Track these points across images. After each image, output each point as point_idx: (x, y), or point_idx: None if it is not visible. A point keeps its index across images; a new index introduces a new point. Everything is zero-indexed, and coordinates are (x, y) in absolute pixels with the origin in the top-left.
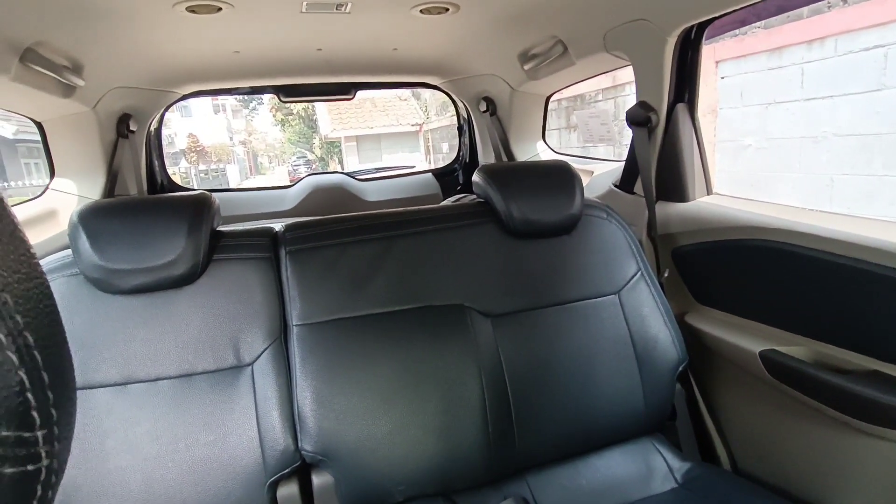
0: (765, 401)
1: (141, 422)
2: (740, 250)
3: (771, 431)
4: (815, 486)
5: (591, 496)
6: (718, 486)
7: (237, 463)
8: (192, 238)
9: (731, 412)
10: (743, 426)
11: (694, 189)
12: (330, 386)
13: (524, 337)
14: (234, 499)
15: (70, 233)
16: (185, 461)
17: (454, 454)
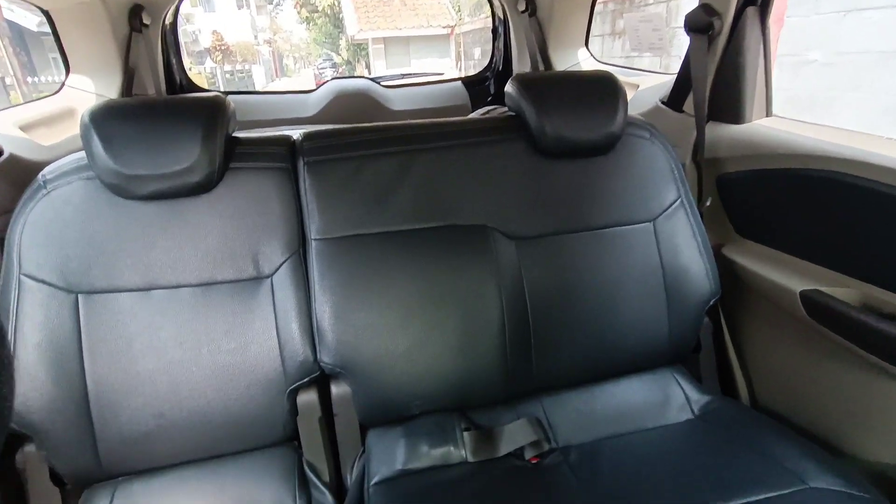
0: (796, 340)
1: (165, 327)
2: (794, 180)
3: (798, 371)
4: (839, 429)
5: (605, 421)
6: (736, 420)
7: (258, 370)
8: (207, 144)
9: (758, 349)
10: (769, 363)
11: (752, 109)
12: (349, 301)
13: (548, 262)
14: (255, 403)
15: (82, 133)
16: (209, 366)
17: (471, 373)
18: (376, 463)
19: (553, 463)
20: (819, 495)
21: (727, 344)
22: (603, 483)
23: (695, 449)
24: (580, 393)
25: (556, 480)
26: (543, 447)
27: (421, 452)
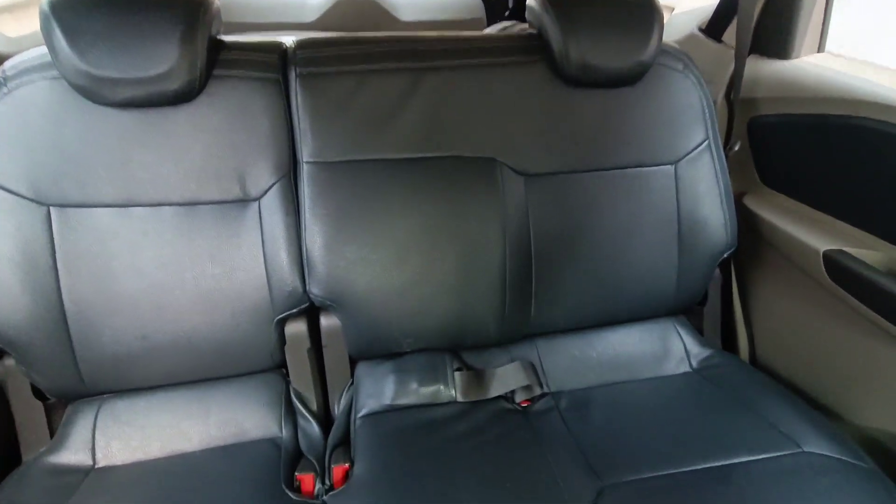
0: (809, 301)
1: (147, 248)
2: (839, 129)
3: (806, 332)
4: (841, 395)
5: (600, 369)
6: (734, 377)
7: (245, 298)
8: (186, 47)
9: (766, 306)
10: (776, 322)
11: (802, 43)
12: (341, 232)
13: (558, 202)
14: (241, 331)
15: (42, 25)
16: (194, 291)
17: (467, 314)
18: (364, 396)
19: (543, 408)
20: (812, 460)
21: (735, 299)
22: (592, 431)
23: (689, 404)
24: (577, 338)
25: (545, 425)
26: (535, 392)
27: (410, 389)
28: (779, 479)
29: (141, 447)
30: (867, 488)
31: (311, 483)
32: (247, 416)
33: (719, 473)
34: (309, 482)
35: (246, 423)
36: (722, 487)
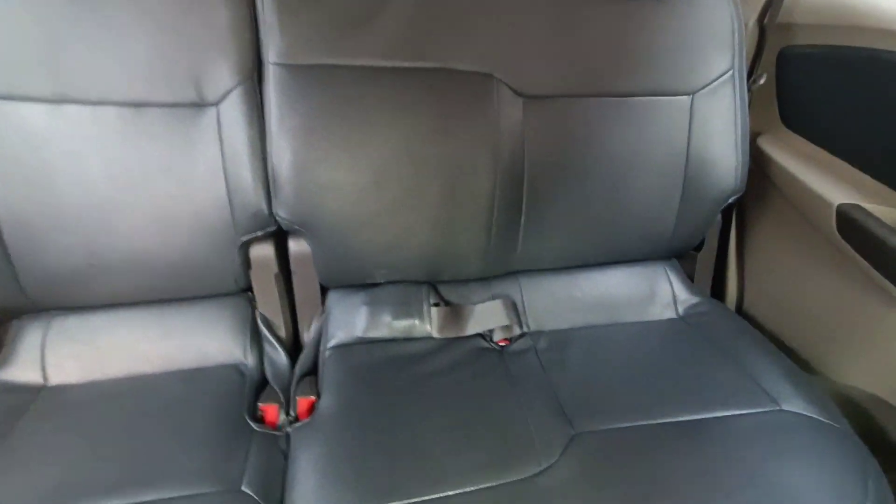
0: (809, 254)
1: (89, 157)
2: (886, 68)
3: (799, 286)
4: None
5: (583, 310)
6: (720, 327)
7: (204, 218)
8: None
9: (763, 256)
10: (769, 273)
11: None
12: (312, 150)
13: (559, 129)
14: (202, 254)
15: None
16: (147, 208)
17: (448, 248)
18: (334, 326)
19: (521, 348)
20: (789, 419)
21: (731, 246)
22: (569, 375)
23: (671, 352)
24: (562, 277)
25: (522, 367)
26: (514, 331)
27: (382, 322)
28: (753, 437)
29: (97, 367)
30: (839, 449)
31: (274, 414)
32: (210, 340)
33: (694, 428)
34: (273, 413)
35: (209, 347)
36: (694, 442)
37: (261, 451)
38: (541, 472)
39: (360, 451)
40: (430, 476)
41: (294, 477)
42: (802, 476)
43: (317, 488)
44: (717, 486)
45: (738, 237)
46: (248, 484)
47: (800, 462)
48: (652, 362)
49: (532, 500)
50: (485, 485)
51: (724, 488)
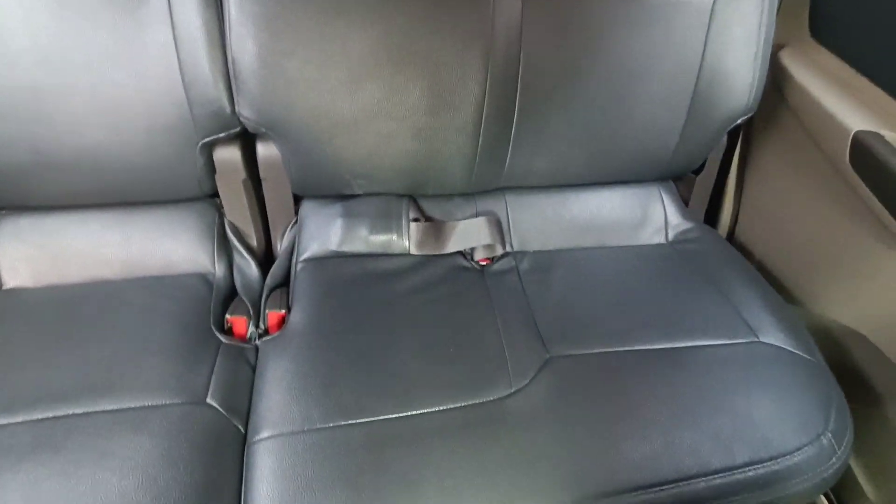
0: (812, 183)
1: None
2: None
3: (795, 216)
4: (809, 283)
5: (571, 231)
6: (709, 254)
7: (159, 114)
8: None
9: (762, 182)
10: (766, 201)
11: None
12: (279, 40)
13: (562, 28)
14: (159, 153)
15: None
16: (92, 99)
17: (431, 159)
18: (308, 238)
19: (503, 268)
20: (765, 351)
21: (732, 171)
22: (549, 298)
23: (655, 278)
24: (551, 196)
25: (502, 287)
26: (497, 251)
27: (358, 236)
28: (727, 368)
29: (54, 270)
30: (808, 382)
31: (243, 326)
32: (174, 248)
33: (669, 356)
34: (241, 325)
35: (173, 254)
36: (668, 370)
37: (227, 364)
38: (512, 394)
39: (328, 368)
40: (399, 395)
41: (260, 390)
42: (768, 407)
43: (283, 403)
44: (684, 414)
45: (740, 162)
46: (214, 396)
47: (768, 393)
48: (634, 289)
49: (501, 421)
50: (454, 405)
51: (691, 416)
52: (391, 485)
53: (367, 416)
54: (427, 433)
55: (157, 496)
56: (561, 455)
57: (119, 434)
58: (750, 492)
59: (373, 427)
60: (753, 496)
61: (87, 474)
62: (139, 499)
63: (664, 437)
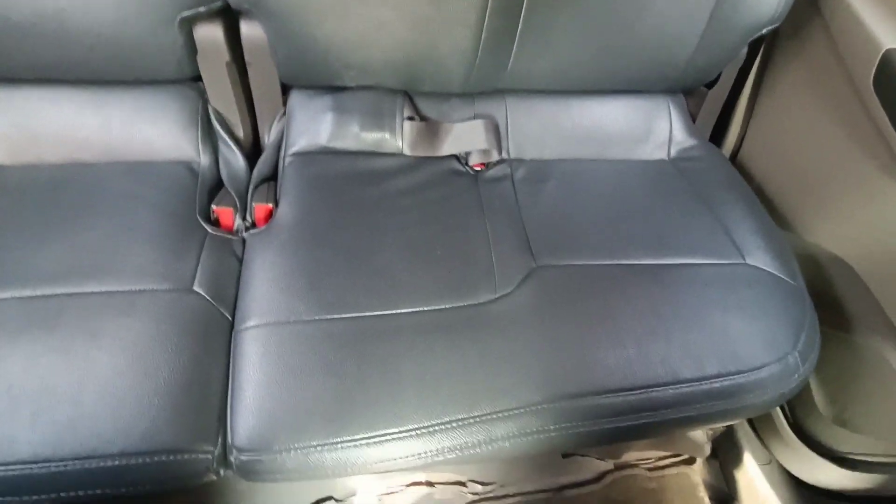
0: (830, 109)
1: None
2: None
3: (805, 143)
4: (803, 208)
5: (569, 140)
6: (709, 174)
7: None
8: None
9: (775, 101)
10: (776, 121)
11: None
12: None
13: None
14: (132, 25)
15: None
16: None
17: (428, 53)
18: (297, 131)
19: (497, 175)
20: (749, 273)
21: (746, 86)
22: (541, 208)
23: (651, 195)
24: (555, 102)
25: (494, 194)
26: (492, 157)
27: (349, 132)
28: (709, 287)
29: (32, 149)
30: (785, 305)
31: (229, 218)
32: (157, 133)
33: (654, 272)
34: (228, 216)
35: (156, 140)
36: (651, 286)
37: (214, 254)
38: (495, 299)
39: (314, 264)
40: (383, 293)
41: (247, 282)
42: (741, 325)
43: (269, 295)
44: (659, 327)
45: (756, 78)
46: (200, 284)
47: (744, 313)
48: (628, 204)
49: (482, 323)
50: (438, 306)
51: (666, 330)
52: (373, 375)
53: (351, 312)
54: (409, 330)
55: (148, 374)
56: (537, 358)
57: (109, 315)
58: (714, 401)
59: (356, 322)
60: (716, 404)
61: (81, 352)
62: (132, 376)
63: (638, 346)
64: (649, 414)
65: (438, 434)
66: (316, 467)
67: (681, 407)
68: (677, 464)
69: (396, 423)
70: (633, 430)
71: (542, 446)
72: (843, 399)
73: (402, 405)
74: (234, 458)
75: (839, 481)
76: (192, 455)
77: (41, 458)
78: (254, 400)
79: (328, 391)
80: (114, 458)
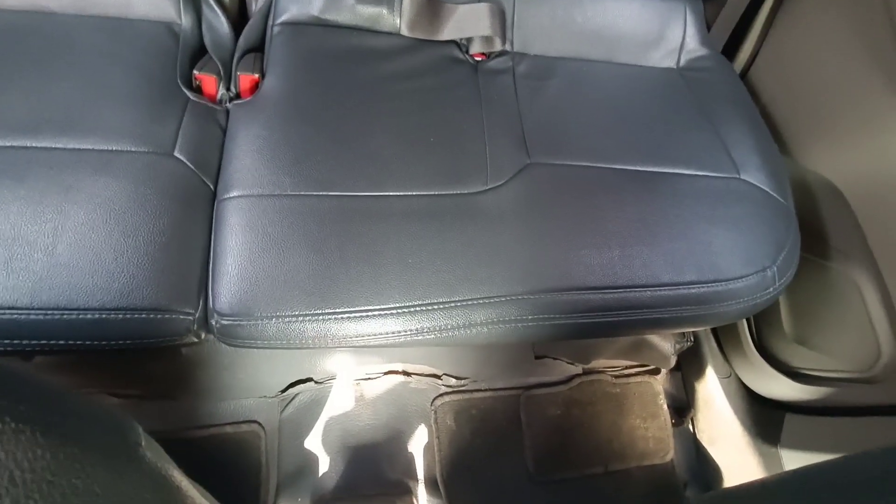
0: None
1: None
2: None
3: (817, 65)
4: (804, 133)
5: (578, 38)
6: (716, 86)
7: None
8: None
9: (797, 20)
10: (794, 39)
11: None
12: None
13: None
14: None
15: None
16: None
17: None
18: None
19: (499, 67)
20: (741, 188)
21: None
22: (541, 103)
23: (654, 102)
24: None
25: (494, 86)
26: (495, 46)
27: (345, 3)
28: (700, 199)
29: None
30: (771, 222)
31: (212, 85)
32: None
33: (647, 179)
34: (210, 84)
35: None
36: (642, 192)
37: (196, 121)
38: (485, 190)
39: (302, 140)
40: (372, 175)
41: (231, 152)
42: (726, 238)
43: (253, 167)
44: (645, 234)
45: None
46: (181, 150)
47: (730, 226)
48: (629, 110)
49: (470, 214)
50: (427, 192)
51: (652, 237)
52: (355, 253)
53: (338, 191)
54: (396, 213)
55: (126, 233)
56: (521, 251)
57: (83, 172)
58: (688, 305)
59: (343, 201)
60: (690, 309)
61: (54, 203)
62: (108, 232)
63: (622, 249)
64: (625, 313)
65: (419, 314)
66: (296, 336)
67: (656, 309)
68: (642, 373)
69: (377, 301)
70: (606, 327)
71: (518, 335)
72: (809, 321)
73: (384, 285)
74: (216, 322)
75: (790, 394)
76: (172, 315)
77: (20, 305)
78: (235, 268)
79: (310, 266)
80: (94, 311)
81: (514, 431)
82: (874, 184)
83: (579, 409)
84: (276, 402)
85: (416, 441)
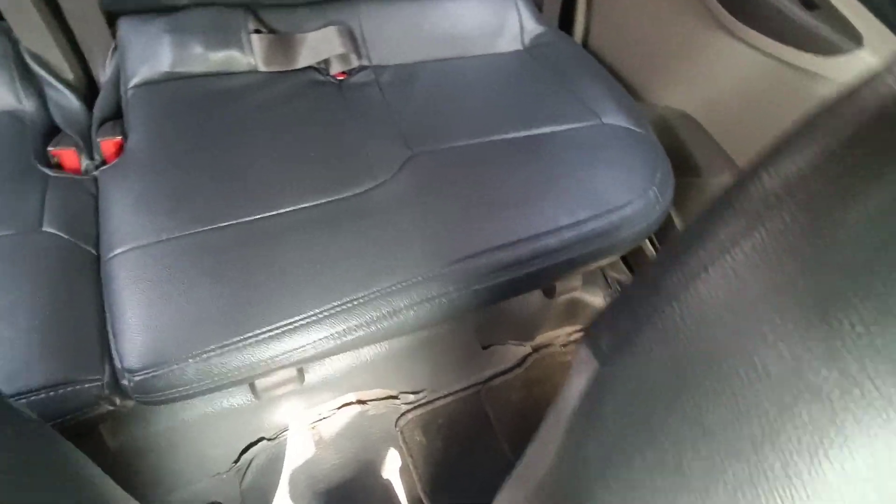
0: None
1: None
2: None
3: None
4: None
5: (430, 43)
6: (561, 56)
7: None
8: None
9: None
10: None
11: None
12: None
13: None
14: None
15: None
16: None
17: None
18: (134, 61)
19: (362, 81)
20: (606, 130)
21: None
22: (411, 105)
23: (511, 81)
24: (408, 6)
25: (362, 98)
26: (352, 62)
27: (193, 54)
28: (574, 148)
29: None
30: (639, 151)
31: (72, 158)
32: None
33: (524, 143)
34: (70, 157)
35: None
36: (524, 156)
37: (60, 194)
38: (375, 187)
39: (178, 184)
40: (260, 198)
41: (107, 212)
42: (606, 174)
43: (133, 220)
44: (533, 190)
45: None
46: (50, 223)
47: (606, 164)
48: (493, 91)
49: (364, 211)
50: (319, 201)
51: (540, 191)
52: (260, 274)
53: (226, 221)
54: (293, 227)
55: (2, 316)
56: (425, 232)
57: None
58: (592, 242)
59: (234, 229)
60: (594, 242)
61: None
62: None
63: (517, 207)
64: (538, 261)
65: (342, 314)
66: (220, 372)
67: (563, 250)
68: None
69: (296, 313)
70: (527, 280)
71: (446, 312)
72: None
73: (298, 295)
74: (129, 381)
75: None
76: (77, 386)
77: None
78: (136, 320)
79: (215, 298)
80: None
81: (485, 427)
82: (718, 104)
83: (539, 387)
84: (232, 475)
85: (388, 467)
